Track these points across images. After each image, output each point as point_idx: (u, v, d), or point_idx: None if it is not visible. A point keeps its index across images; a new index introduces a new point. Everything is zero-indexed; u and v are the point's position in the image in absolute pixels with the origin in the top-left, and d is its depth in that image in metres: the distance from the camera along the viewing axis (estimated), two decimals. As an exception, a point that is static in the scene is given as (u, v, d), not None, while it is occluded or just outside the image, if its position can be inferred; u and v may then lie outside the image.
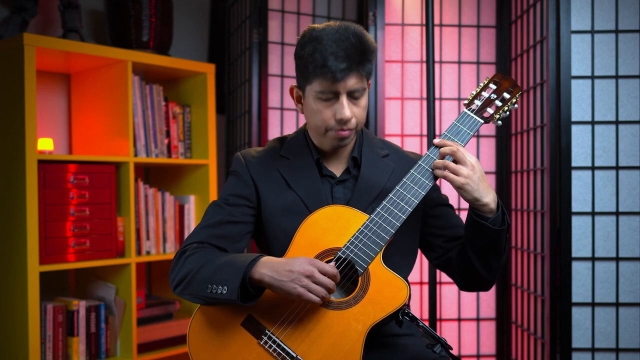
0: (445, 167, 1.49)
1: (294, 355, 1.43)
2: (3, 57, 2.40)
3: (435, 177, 1.52)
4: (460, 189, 1.48)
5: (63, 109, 2.82)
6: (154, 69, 2.77)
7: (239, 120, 3.15)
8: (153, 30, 2.77)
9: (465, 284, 1.65)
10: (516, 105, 1.60)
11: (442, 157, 1.52)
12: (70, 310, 2.49)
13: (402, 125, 2.84)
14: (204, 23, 3.42)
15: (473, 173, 1.48)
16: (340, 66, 1.47)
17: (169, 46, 2.88)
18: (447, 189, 2.79)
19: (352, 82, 1.50)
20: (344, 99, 1.51)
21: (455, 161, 1.50)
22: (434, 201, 1.67)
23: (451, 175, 1.48)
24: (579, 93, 2.36)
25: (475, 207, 1.51)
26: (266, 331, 1.46)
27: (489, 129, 2.87)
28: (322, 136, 1.58)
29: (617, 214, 2.34)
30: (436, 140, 1.55)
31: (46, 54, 2.45)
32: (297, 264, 1.39)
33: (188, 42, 3.32)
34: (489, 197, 1.49)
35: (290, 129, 2.96)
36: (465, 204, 2.80)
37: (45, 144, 2.53)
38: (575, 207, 2.34)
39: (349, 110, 1.52)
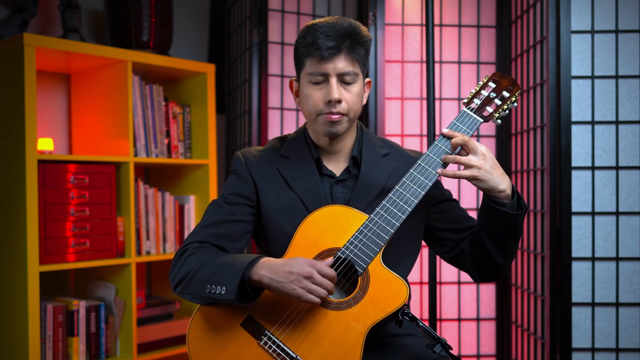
0: (455, 162, 1.49)
1: (294, 355, 1.43)
2: (3, 57, 2.40)
3: (435, 176, 1.51)
4: (474, 180, 1.48)
5: (63, 109, 2.82)
6: (154, 69, 2.77)
7: (239, 120, 3.15)
8: (153, 30, 2.77)
9: (480, 274, 1.65)
10: (515, 104, 1.60)
11: (454, 148, 1.52)
12: (70, 310, 2.49)
13: (402, 125, 2.84)
14: (204, 23, 3.42)
15: (485, 162, 1.47)
16: (328, 44, 1.50)
17: (169, 46, 2.88)
18: (449, 185, 2.79)
19: (341, 64, 1.52)
20: (333, 81, 1.53)
21: (467, 151, 1.50)
22: (435, 199, 1.67)
23: (462, 173, 1.48)
24: (579, 93, 2.36)
25: (492, 195, 1.50)
26: (266, 332, 1.46)
27: (489, 128, 2.87)
28: (314, 122, 1.59)
29: (617, 214, 2.34)
30: (445, 130, 1.54)
31: (46, 54, 2.45)
32: (295, 265, 1.39)
33: (188, 42, 3.32)
34: (504, 183, 1.49)
35: (290, 129, 2.96)
36: (466, 203, 2.80)
37: (45, 144, 2.53)
38: (575, 207, 2.34)
39: (337, 92, 1.53)
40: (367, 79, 1.64)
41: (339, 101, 1.53)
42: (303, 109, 1.61)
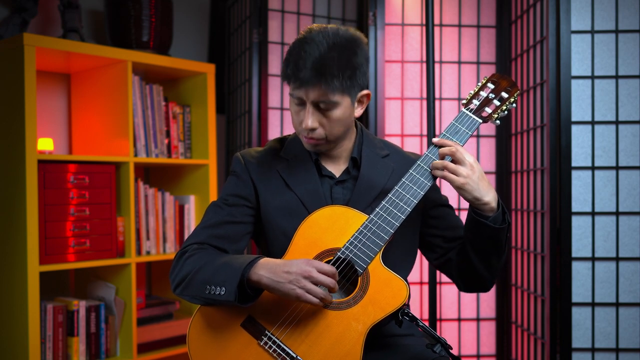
0: (444, 168, 1.49)
1: (294, 355, 1.43)
2: (3, 57, 2.40)
3: (435, 177, 1.52)
4: (460, 189, 1.48)
5: (63, 109, 2.82)
6: (154, 69, 2.77)
7: (239, 120, 3.15)
8: (153, 30, 2.77)
9: (464, 284, 1.65)
10: (514, 105, 1.60)
11: (442, 157, 1.52)
12: (70, 310, 2.49)
13: (402, 125, 2.84)
14: (204, 23, 3.42)
15: (472, 173, 1.47)
16: (303, 74, 1.47)
17: (169, 46, 2.88)
18: (447, 190, 2.79)
19: (315, 93, 1.49)
20: (308, 107, 1.51)
21: (455, 161, 1.50)
22: (433, 202, 1.67)
23: (450, 176, 1.48)
24: (579, 93, 2.36)
25: (476, 206, 1.51)
26: (266, 332, 1.46)
27: (489, 129, 2.87)
28: (300, 138, 1.60)
29: (617, 214, 2.34)
30: (435, 140, 1.54)
31: (46, 54, 2.45)
32: (294, 265, 1.39)
33: (188, 42, 3.32)
34: (489, 195, 1.49)
35: (290, 129, 2.96)
36: (465, 204, 2.80)
37: (45, 144, 2.53)
38: (575, 207, 2.34)
39: (311, 119, 1.51)
40: (365, 92, 1.58)
41: (313, 129, 1.53)
42: None
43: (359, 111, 1.60)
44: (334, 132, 1.55)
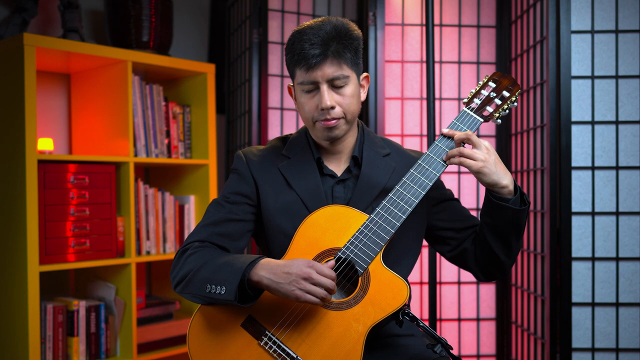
0: (460, 154, 1.49)
1: (294, 356, 1.43)
2: (3, 57, 2.40)
3: (435, 176, 1.52)
4: (478, 173, 1.49)
5: (63, 109, 2.82)
6: (154, 69, 2.76)
7: (239, 120, 3.15)
8: (153, 30, 2.77)
9: (483, 273, 1.65)
10: (515, 104, 1.60)
11: (459, 143, 1.52)
12: (70, 310, 2.49)
13: (402, 125, 2.84)
14: (204, 23, 3.42)
15: (489, 156, 1.48)
16: (313, 52, 1.50)
17: (169, 46, 2.88)
18: (449, 185, 2.79)
19: (329, 69, 1.51)
20: (324, 88, 1.53)
21: (470, 146, 1.51)
22: (437, 199, 1.67)
23: (467, 161, 1.48)
24: (579, 93, 2.36)
25: (495, 190, 1.51)
26: (266, 332, 1.46)
27: (489, 128, 2.87)
28: (313, 129, 1.60)
29: (617, 214, 2.34)
30: (445, 130, 1.54)
31: (46, 54, 2.45)
32: (294, 266, 1.39)
33: (188, 42, 3.32)
34: (507, 178, 1.50)
35: (290, 129, 2.96)
36: (468, 204, 2.80)
37: (45, 144, 2.53)
38: (575, 207, 2.34)
39: (329, 98, 1.52)
40: (364, 74, 1.63)
41: (332, 107, 1.53)
42: (302, 117, 1.61)
43: (363, 95, 1.63)
44: (351, 109, 1.56)
